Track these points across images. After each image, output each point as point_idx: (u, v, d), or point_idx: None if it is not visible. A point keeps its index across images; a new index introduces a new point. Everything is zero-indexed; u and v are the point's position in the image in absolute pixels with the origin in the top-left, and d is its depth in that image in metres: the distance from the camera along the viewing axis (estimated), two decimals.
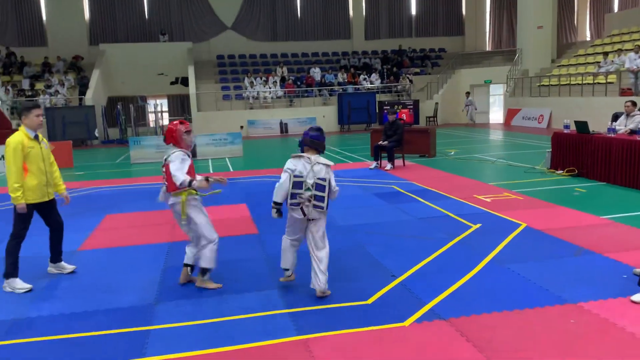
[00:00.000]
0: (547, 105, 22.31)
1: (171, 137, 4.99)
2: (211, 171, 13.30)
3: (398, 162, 12.65)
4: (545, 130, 20.28)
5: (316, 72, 27.67)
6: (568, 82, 21.65)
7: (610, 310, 4.12)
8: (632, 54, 18.19)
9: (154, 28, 29.31)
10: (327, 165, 4.68)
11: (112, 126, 25.13)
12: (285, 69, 27.92)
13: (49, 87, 24.53)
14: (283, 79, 26.91)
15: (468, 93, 26.30)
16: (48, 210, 5.42)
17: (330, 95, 26.30)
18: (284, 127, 24.82)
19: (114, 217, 8.44)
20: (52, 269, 5.67)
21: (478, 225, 6.85)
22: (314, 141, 4.74)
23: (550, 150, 10.97)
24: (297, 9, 31.14)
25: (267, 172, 12.60)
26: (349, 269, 5.38)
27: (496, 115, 27.83)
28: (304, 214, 4.61)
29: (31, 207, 5.22)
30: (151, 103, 29.74)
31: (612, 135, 9.40)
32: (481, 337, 3.77)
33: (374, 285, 4.88)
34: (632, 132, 9.64)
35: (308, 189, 4.56)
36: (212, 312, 4.42)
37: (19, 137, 5.14)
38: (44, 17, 28.43)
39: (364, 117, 25.12)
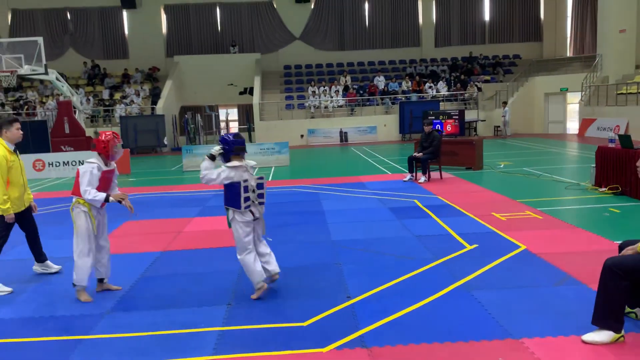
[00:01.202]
0: (625, 114, 20.64)
1: (102, 148, 5.11)
2: None
3: (436, 174, 12.23)
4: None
5: (380, 81, 27.44)
6: None
7: (550, 350, 3.71)
8: None
9: (226, 40, 30.43)
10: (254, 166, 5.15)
11: (183, 134, 26.34)
12: (348, 77, 27.94)
13: (124, 97, 26.14)
14: (346, 88, 26.91)
15: (505, 103, 24.87)
16: (25, 217, 5.76)
17: (393, 103, 25.95)
18: (343, 136, 24.80)
19: (131, 223, 8.80)
20: (37, 267, 6.03)
21: (474, 246, 6.45)
22: (239, 147, 4.94)
23: (595, 165, 10.13)
24: (365, 18, 31.11)
25: (304, 182, 12.63)
26: (309, 287, 5.25)
27: (574, 125, 26.17)
28: (253, 215, 4.94)
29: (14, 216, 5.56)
30: (222, 112, 30.93)
31: None
32: None
33: (322, 306, 4.72)
34: None
35: (253, 191, 4.94)
36: (146, 325, 4.47)
37: (2, 151, 5.43)
38: (126, 32, 30.38)
39: None
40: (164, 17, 30.42)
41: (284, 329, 4.30)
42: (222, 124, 32.43)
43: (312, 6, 30.52)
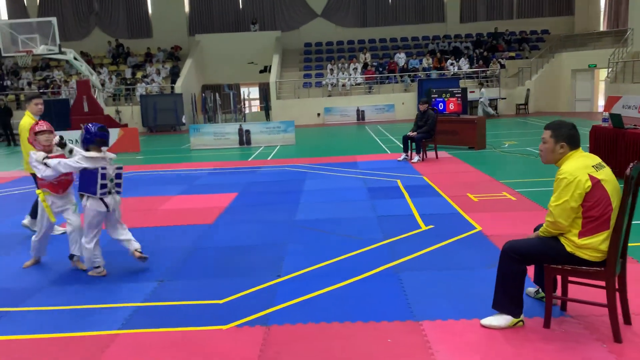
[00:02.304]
0: None
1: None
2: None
3: (432, 153, 12.05)
4: None
5: (400, 58, 26.97)
6: None
7: (443, 332, 3.67)
8: None
9: (247, 18, 30.39)
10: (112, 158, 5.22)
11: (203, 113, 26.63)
12: (368, 55, 27.55)
13: (145, 76, 26.55)
14: (365, 65, 26.58)
15: (482, 84, 24.00)
16: None
17: (412, 81, 25.51)
18: (360, 115, 24.60)
19: (129, 199, 9.00)
20: (25, 222, 6.74)
21: (429, 227, 6.36)
22: (103, 140, 5.08)
23: (588, 145, 9.77)
24: None
25: (300, 161, 12.65)
26: (244, 266, 5.30)
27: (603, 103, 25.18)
28: (107, 206, 5.06)
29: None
30: (244, 90, 31.08)
31: None
32: (278, 348, 3.57)
33: (247, 284, 4.77)
34: None
35: (111, 180, 5.07)
36: (65, 299, 4.63)
37: (26, 120, 6.14)
38: (150, 11, 30.70)
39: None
40: None
41: (198, 306, 4.37)
42: (246, 102, 32.68)
43: None
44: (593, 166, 3.44)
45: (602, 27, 29.16)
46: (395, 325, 3.83)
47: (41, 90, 25.60)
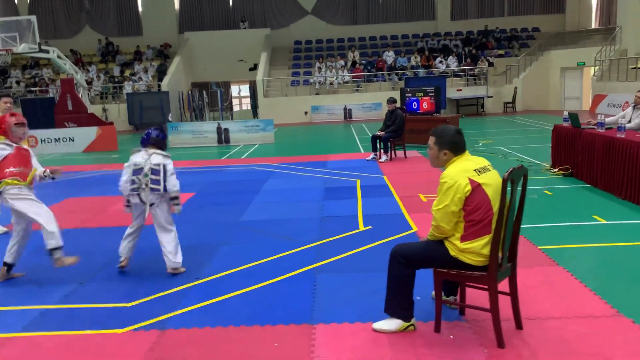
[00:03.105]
0: (634, 91, 19.54)
1: (1, 129, 5.21)
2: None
3: (400, 153, 12.02)
4: None
5: (389, 56, 26.89)
6: None
7: (332, 336, 3.65)
8: None
9: (238, 15, 30.35)
10: (165, 156, 5.10)
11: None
12: (357, 53, 27.50)
13: (133, 74, 26.57)
14: (354, 64, 26.52)
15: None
16: None
17: (400, 79, 25.43)
18: (347, 113, 24.55)
19: (72, 200, 9.03)
20: None
21: (367, 228, 6.34)
22: (158, 140, 5.16)
23: (551, 145, 9.72)
24: None
25: (272, 160, 12.63)
26: (155, 267, 5.27)
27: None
28: (141, 199, 5.02)
29: None
30: (234, 88, 31.09)
31: (600, 131, 8.07)
32: (162, 354, 3.55)
33: (163, 286, 4.76)
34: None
35: (145, 175, 4.97)
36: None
37: None
38: (140, 9, 30.70)
39: None
40: None
41: (105, 309, 4.36)
42: (235, 100, 32.69)
43: None
44: (475, 170, 3.41)
45: (594, 25, 29.03)
46: (289, 329, 3.81)
47: (29, 89, 25.65)
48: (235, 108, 32.26)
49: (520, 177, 3.45)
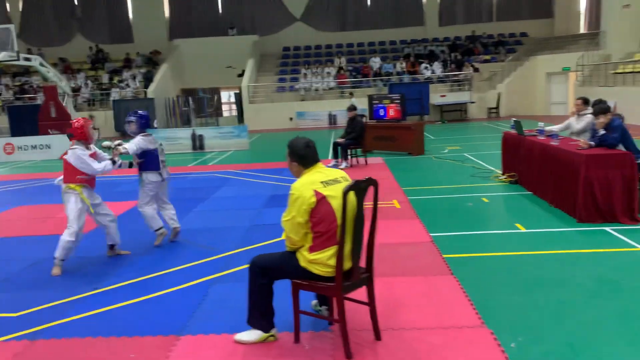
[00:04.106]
0: (615, 96, 19.50)
1: (80, 134, 5.56)
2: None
3: (362, 159, 12.04)
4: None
5: (375, 62, 26.93)
6: None
7: (191, 348, 3.68)
8: None
9: (227, 22, 30.49)
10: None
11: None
12: (343, 59, 27.55)
13: (121, 81, 26.76)
14: (340, 70, 26.58)
15: (351, 93, 23.76)
16: None
17: (385, 85, 25.46)
18: (332, 119, 24.59)
19: (24, 208, 9.12)
20: None
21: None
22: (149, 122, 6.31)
23: (501, 151, 9.72)
24: None
25: (235, 167, 12.69)
26: (72, 276, 5.33)
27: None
28: (162, 177, 6.22)
29: None
30: (224, 95, 31.25)
31: (540, 139, 8.07)
32: None
33: (56, 296, 4.79)
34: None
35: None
36: None
37: None
38: (131, 16, 30.93)
39: (417, 109, 23.94)
40: (166, 0, 30.75)
41: None
42: (226, 106, 32.85)
43: None
44: (322, 182, 3.44)
45: (583, 30, 28.94)
46: (154, 340, 3.85)
47: (17, 96, 25.88)
48: (226, 114, 32.40)
49: (366, 189, 3.47)
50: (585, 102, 8.39)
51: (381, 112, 13.79)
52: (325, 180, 3.47)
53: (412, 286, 4.56)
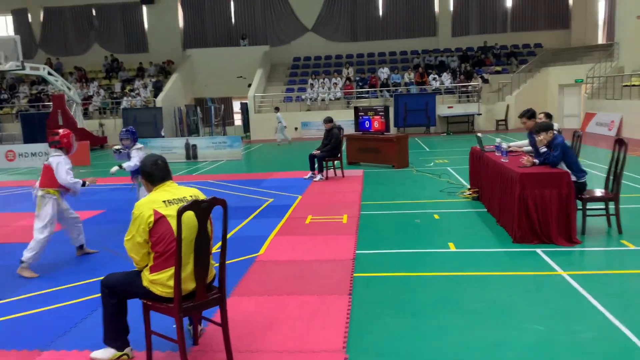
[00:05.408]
0: (621, 109, 18.95)
1: (66, 142, 5.98)
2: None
3: (338, 172, 11.95)
4: (610, 140, 17.32)
5: (383, 72, 26.80)
6: None
7: None
8: None
9: (240, 33, 30.83)
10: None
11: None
12: (351, 69, 27.51)
13: (132, 90, 27.28)
14: (349, 80, 26.53)
15: (277, 108, 22.95)
16: None
17: (391, 96, 25.30)
18: None
19: None
20: None
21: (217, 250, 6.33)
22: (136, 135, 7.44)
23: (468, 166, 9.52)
24: (379, 7, 30.36)
25: (218, 177, 12.75)
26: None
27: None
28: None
29: None
30: (236, 104, 31.53)
31: (497, 154, 7.85)
32: None
33: None
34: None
35: None
36: None
37: None
38: (146, 27, 31.57)
39: (422, 120, 23.75)
40: (180, 11, 31.28)
41: None
42: (237, 116, 33.12)
43: None
44: (165, 201, 3.41)
45: (601, 41, 28.24)
46: (19, 355, 3.86)
47: (31, 104, 26.64)
48: (237, 123, 32.65)
49: (209, 209, 3.42)
50: (548, 116, 8.16)
51: (366, 124, 13.69)
52: (169, 199, 3.43)
53: (299, 306, 4.47)
